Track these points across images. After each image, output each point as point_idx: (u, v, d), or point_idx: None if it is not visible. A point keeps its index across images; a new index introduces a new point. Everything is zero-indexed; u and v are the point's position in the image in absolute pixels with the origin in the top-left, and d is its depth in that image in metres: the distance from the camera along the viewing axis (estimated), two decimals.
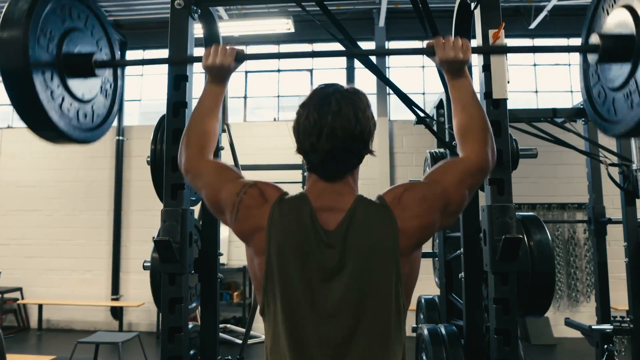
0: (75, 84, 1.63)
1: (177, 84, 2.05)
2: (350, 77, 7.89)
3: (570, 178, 6.96)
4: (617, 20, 1.48)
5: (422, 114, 2.18)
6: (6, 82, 1.42)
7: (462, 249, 2.30)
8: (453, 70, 1.36)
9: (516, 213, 2.18)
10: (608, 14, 1.52)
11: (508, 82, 1.91)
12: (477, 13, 2.01)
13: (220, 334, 2.60)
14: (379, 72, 2.25)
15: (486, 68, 1.93)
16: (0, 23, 1.41)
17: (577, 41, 7.31)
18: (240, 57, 1.46)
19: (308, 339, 1.11)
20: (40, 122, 1.51)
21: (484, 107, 1.94)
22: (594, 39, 1.50)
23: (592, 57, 1.56)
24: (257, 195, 1.21)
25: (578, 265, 7.15)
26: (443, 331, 2.29)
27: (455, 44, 1.33)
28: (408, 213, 1.15)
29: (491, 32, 1.93)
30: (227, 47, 1.44)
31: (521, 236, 1.79)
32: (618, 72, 1.45)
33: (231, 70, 1.46)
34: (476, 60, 2.13)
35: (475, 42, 2.08)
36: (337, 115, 1.14)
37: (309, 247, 1.13)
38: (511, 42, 8.07)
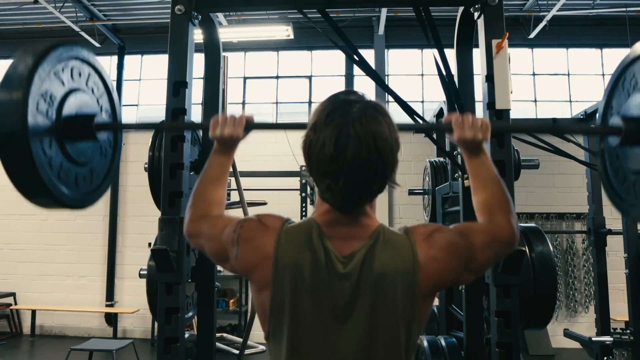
0: (74, 148, 1.53)
1: (177, 90, 2.03)
2: (350, 84, 7.89)
3: (568, 188, 6.97)
4: (637, 104, 1.42)
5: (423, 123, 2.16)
6: (1, 150, 1.33)
7: None
8: (471, 149, 1.28)
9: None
10: (629, 94, 1.46)
11: (511, 92, 1.89)
12: (481, 23, 2.00)
13: (217, 344, 2.55)
14: (380, 81, 2.23)
15: (489, 78, 1.92)
16: None
17: (576, 52, 7.25)
18: (250, 127, 1.36)
19: None
20: (36, 191, 1.41)
21: (486, 118, 1.93)
22: (616, 120, 1.45)
23: (613, 139, 1.50)
24: (256, 226, 1.13)
25: (576, 276, 7.13)
26: (443, 343, 2.26)
27: (474, 123, 1.25)
28: (431, 252, 1.08)
29: (495, 42, 1.91)
30: (237, 117, 1.33)
31: (524, 249, 1.76)
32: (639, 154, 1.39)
33: (240, 139, 1.35)
34: (479, 69, 2.12)
35: (479, 51, 2.07)
36: (357, 153, 1.00)
37: (321, 278, 1.05)
38: (510, 51, 8.09)
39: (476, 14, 2.02)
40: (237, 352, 2.97)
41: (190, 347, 2.36)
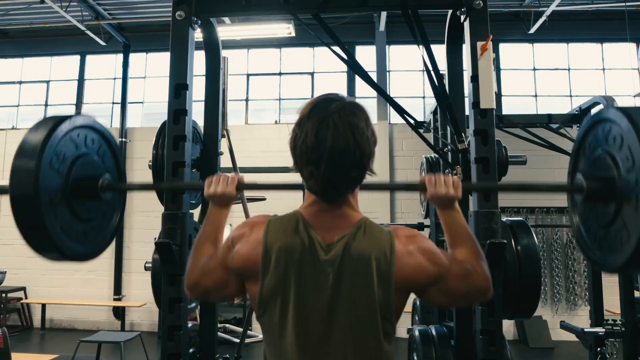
0: (81, 207, 1.64)
1: (178, 92, 2.14)
2: (351, 80, 7.97)
3: None
4: (600, 163, 1.51)
5: (413, 122, 2.26)
6: (15, 209, 1.45)
7: None
8: (443, 205, 1.36)
9: (506, 218, 2.26)
10: (591, 157, 1.57)
11: (495, 92, 1.98)
12: (467, 25, 2.08)
13: (219, 334, 2.67)
14: (374, 83, 2.32)
15: (474, 79, 2.00)
16: (16, 152, 1.46)
17: (576, 46, 7.27)
18: (241, 187, 1.47)
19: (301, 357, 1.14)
20: (46, 247, 1.53)
21: (472, 118, 2.03)
22: (579, 179, 1.55)
23: (578, 197, 1.60)
24: (245, 226, 1.25)
25: (576, 269, 7.20)
26: (434, 332, 2.36)
27: (446, 182, 1.34)
28: (409, 247, 1.17)
29: (479, 44, 2.00)
30: (229, 177, 1.44)
31: (505, 241, 1.86)
32: (604, 210, 1.48)
33: (233, 197, 1.45)
34: (466, 67, 2.20)
35: (465, 52, 2.16)
36: (335, 141, 1.11)
37: (305, 262, 1.14)
38: (511, 46, 8.15)
39: (462, 17, 2.11)
40: (237, 340, 3.09)
41: (193, 337, 2.47)
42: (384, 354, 1.17)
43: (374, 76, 7.90)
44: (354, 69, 2.27)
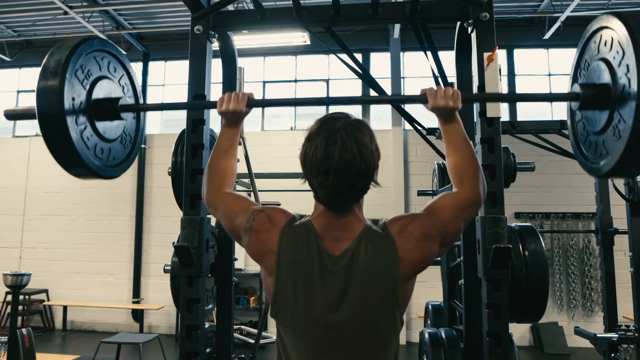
0: (103, 126, 1.81)
1: (195, 96, 2.24)
2: (365, 87, 8.04)
3: (585, 187, 6.94)
4: (596, 72, 1.61)
5: (424, 129, 2.33)
6: (42, 126, 1.61)
7: (461, 257, 2.42)
8: (444, 116, 1.45)
9: (515, 224, 2.32)
10: (589, 66, 1.65)
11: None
12: (474, 37, 2.15)
13: (235, 335, 2.76)
14: (379, 90, 2.40)
15: (481, 88, 2.07)
16: (40, 73, 1.61)
17: None
18: (252, 104, 1.58)
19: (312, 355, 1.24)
20: (72, 162, 1.70)
21: (478, 127, 2.09)
22: (576, 88, 1.64)
23: (574, 105, 1.69)
24: (265, 221, 1.32)
25: (593, 275, 7.14)
26: (443, 335, 2.41)
27: (446, 93, 1.43)
28: (410, 245, 1.25)
29: (486, 55, 2.07)
30: (240, 93, 1.55)
31: (510, 246, 1.91)
32: (598, 117, 1.58)
33: (244, 114, 1.57)
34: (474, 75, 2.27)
35: (474, 62, 2.22)
36: (342, 154, 1.20)
37: (315, 273, 1.23)
38: (526, 52, 8.15)
39: (469, 29, 2.18)
40: (253, 341, 3.18)
41: (210, 337, 2.56)
42: (391, 349, 1.26)
43: (388, 82, 8.00)
44: (365, 79, 2.35)
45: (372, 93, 2.57)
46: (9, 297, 7.66)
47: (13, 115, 1.85)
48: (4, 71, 9.17)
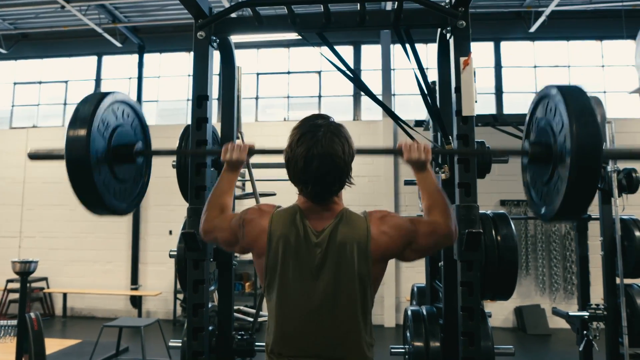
0: (119, 169, 2.05)
1: (200, 102, 2.46)
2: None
3: None
4: (542, 133, 1.89)
5: (408, 129, 2.56)
6: (70, 170, 1.82)
7: None
8: (417, 167, 1.68)
9: (490, 211, 2.56)
10: (538, 126, 1.94)
11: (476, 101, 2.27)
12: (452, 42, 2.37)
13: (235, 314, 3.01)
14: (369, 91, 2.63)
15: (457, 90, 2.30)
16: (70, 121, 1.84)
17: (576, 44, 7.45)
18: (252, 152, 1.83)
19: (295, 326, 1.48)
20: (96, 203, 1.93)
21: (454, 124, 2.32)
22: (526, 145, 1.96)
23: (525, 159, 2.03)
24: (256, 210, 1.58)
25: (574, 260, 7.44)
26: (424, 312, 2.67)
27: (418, 148, 1.66)
28: (382, 228, 1.49)
29: (462, 59, 2.29)
30: (242, 144, 1.79)
31: (481, 230, 2.15)
32: (545, 171, 1.86)
33: (244, 162, 1.80)
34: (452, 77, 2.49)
35: (452, 65, 2.44)
36: (321, 166, 1.43)
37: (301, 245, 1.47)
38: (512, 44, 8.38)
39: (448, 35, 2.40)
40: (251, 319, 3.43)
41: (212, 316, 2.80)
42: (360, 317, 1.49)
43: (379, 74, 8.20)
44: (356, 82, 2.57)
45: (364, 81, 2.79)
46: (10, 285, 7.87)
47: (36, 157, 2.13)
48: (0, 63, 9.27)
